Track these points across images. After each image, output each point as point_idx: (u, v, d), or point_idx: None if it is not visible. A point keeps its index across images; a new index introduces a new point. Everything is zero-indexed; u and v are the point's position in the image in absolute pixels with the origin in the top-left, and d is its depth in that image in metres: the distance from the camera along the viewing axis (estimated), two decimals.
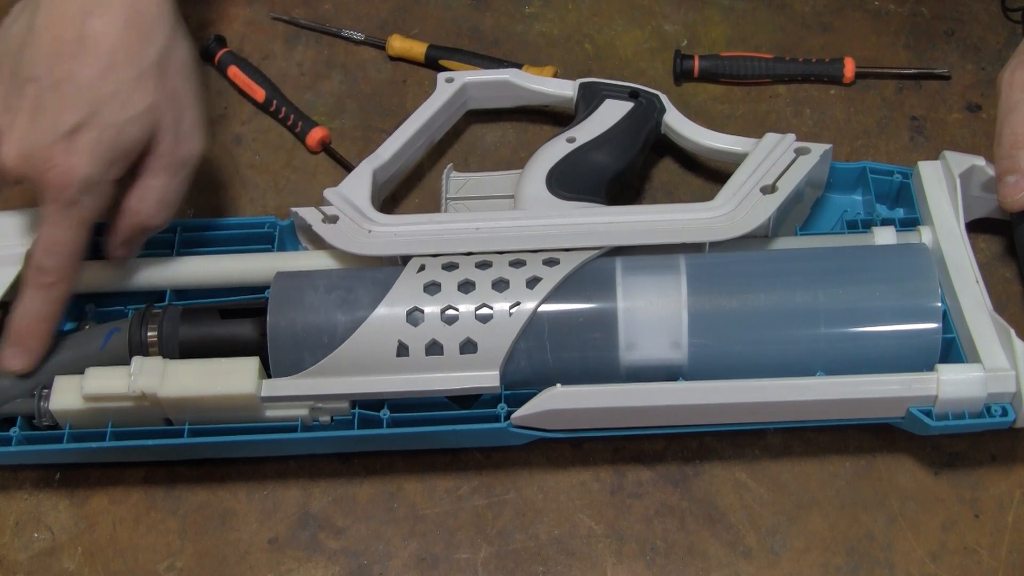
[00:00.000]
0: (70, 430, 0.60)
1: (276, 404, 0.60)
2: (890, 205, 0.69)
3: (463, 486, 0.63)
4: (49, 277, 0.60)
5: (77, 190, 0.58)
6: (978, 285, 0.60)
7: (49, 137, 0.58)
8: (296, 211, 0.65)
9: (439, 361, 0.59)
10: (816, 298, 0.59)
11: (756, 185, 0.64)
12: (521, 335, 0.58)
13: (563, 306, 0.59)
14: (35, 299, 0.60)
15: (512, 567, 0.60)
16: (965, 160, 0.65)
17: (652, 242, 0.62)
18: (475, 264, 0.60)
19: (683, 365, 0.59)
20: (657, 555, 0.60)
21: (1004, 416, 0.57)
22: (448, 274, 0.60)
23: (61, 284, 0.60)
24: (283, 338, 0.59)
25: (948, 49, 0.79)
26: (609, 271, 0.60)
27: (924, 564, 0.59)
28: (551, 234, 0.62)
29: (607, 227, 0.62)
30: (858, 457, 0.63)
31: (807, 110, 0.77)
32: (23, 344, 0.60)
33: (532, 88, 0.73)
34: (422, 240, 0.62)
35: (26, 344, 0.60)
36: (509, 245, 0.62)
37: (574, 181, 0.66)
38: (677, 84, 0.79)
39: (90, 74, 0.58)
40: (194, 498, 0.63)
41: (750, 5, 0.82)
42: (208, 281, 0.65)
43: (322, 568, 0.60)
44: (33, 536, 0.62)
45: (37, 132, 0.58)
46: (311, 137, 0.76)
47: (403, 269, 0.61)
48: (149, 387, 0.58)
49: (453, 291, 0.59)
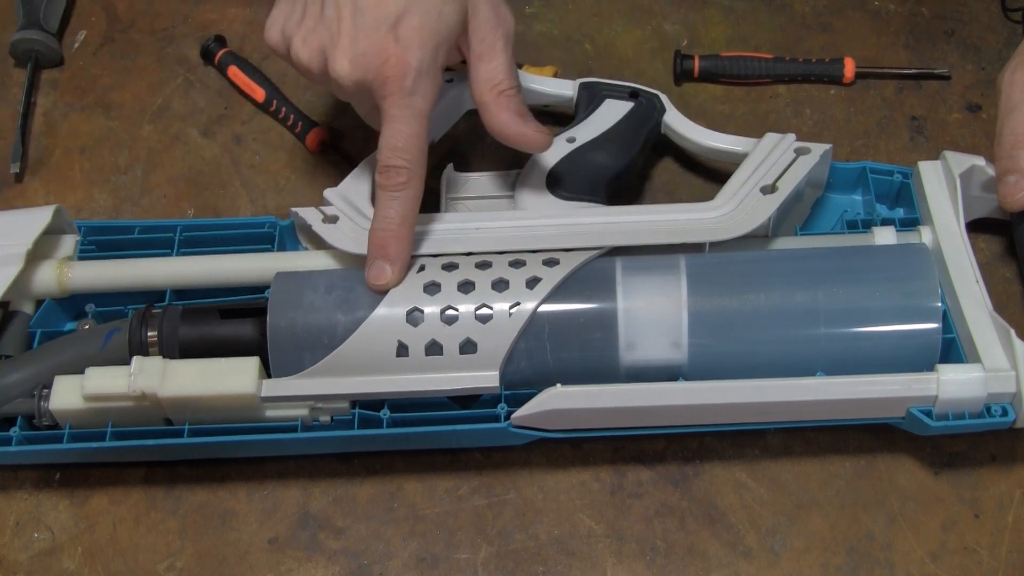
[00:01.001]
0: (70, 430, 0.60)
1: (276, 404, 0.60)
2: (890, 205, 0.69)
3: (463, 486, 0.63)
4: (401, 176, 0.59)
5: (413, 77, 0.59)
6: (978, 285, 0.60)
7: (376, 33, 0.58)
8: (296, 211, 0.65)
9: (439, 361, 0.59)
10: (816, 298, 0.59)
11: (756, 185, 0.64)
12: (521, 335, 0.58)
13: (563, 306, 0.59)
14: (391, 203, 0.60)
15: (512, 567, 0.60)
16: (965, 160, 0.65)
17: (652, 242, 0.62)
18: (475, 264, 0.60)
19: (683, 365, 0.59)
20: (657, 555, 0.60)
21: (1004, 416, 0.57)
22: (448, 274, 0.60)
23: (414, 181, 0.60)
24: (283, 338, 0.59)
25: (948, 49, 0.79)
26: (609, 271, 0.60)
27: (924, 564, 0.59)
28: (551, 234, 0.62)
29: (607, 227, 0.62)
30: (858, 457, 0.63)
31: (807, 110, 0.77)
32: (387, 254, 0.60)
33: (532, 88, 0.73)
34: (421, 240, 0.62)
35: (391, 253, 0.60)
36: (509, 245, 0.62)
37: (574, 181, 0.66)
38: (677, 84, 0.79)
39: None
40: (194, 498, 0.63)
41: (750, 5, 0.82)
42: (208, 281, 0.65)
43: (322, 568, 0.60)
44: (33, 536, 0.62)
45: (363, 33, 0.59)
46: (311, 137, 0.76)
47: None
48: (149, 387, 0.58)
49: (453, 291, 0.59)
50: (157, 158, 0.77)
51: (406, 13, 0.59)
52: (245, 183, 0.75)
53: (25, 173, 0.77)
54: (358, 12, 0.59)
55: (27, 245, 0.63)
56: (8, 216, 0.66)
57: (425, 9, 0.59)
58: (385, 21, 0.59)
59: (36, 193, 0.76)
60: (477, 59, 0.62)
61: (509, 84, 0.62)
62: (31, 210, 0.66)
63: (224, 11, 0.84)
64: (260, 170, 0.76)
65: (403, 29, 0.59)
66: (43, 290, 0.65)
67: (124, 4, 0.85)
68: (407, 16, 0.59)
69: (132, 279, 0.65)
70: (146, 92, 0.80)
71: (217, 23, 0.83)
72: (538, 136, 0.63)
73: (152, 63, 0.82)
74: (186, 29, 0.83)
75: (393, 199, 0.60)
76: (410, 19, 0.59)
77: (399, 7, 0.59)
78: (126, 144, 0.78)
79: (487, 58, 0.62)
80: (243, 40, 0.82)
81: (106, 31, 0.84)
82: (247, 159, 0.77)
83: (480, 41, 0.62)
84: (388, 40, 0.59)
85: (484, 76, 0.62)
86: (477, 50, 0.62)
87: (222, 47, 0.81)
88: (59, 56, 0.82)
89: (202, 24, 0.83)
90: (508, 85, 0.62)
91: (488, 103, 0.62)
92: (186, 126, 0.78)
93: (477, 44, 0.62)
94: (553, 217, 0.63)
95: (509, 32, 0.63)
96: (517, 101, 0.62)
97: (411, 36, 0.59)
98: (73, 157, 0.77)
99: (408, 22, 0.59)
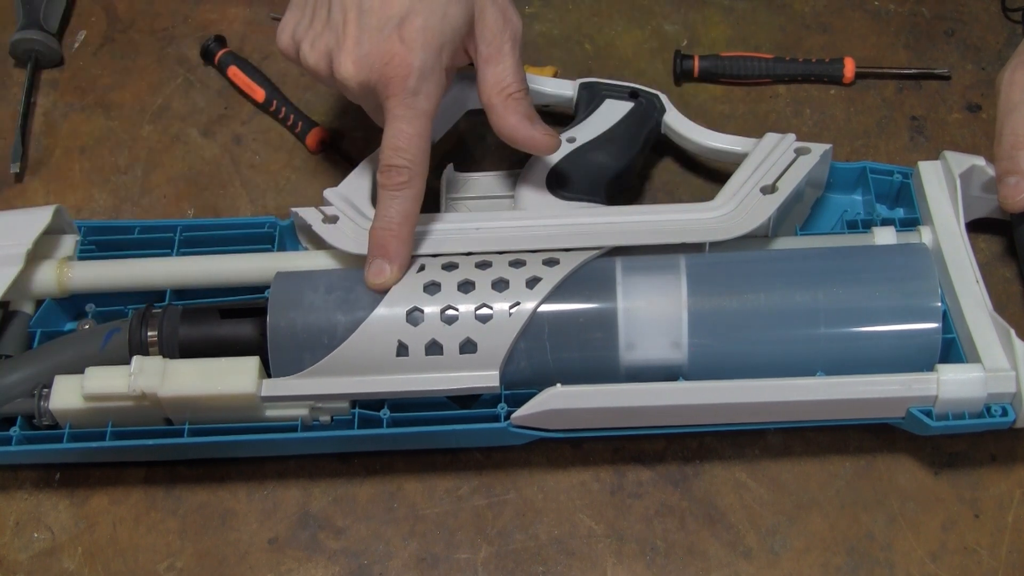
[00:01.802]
0: (70, 430, 0.60)
1: (276, 404, 0.60)
2: (890, 205, 0.69)
3: (463, 486, 0.63)
4: (402, 176, 0.60)
5: (417, 77, 0.59)
6: (978, 285, 0.60)
7: (381, 34, 0.59)
8: (296, 211, 0.65)
9: (439, 361, 0.59)
10: (816, 298, 0.59)
11: (756, 185, 0.64)
12: (521, 335, 0.58)
13: (563, 306, 0.59)
14: (392, 202, 0.60)
15: (512, 567, 0.60)
16: (965, 160, 0.65)
17: (652, 242, 0.61)
18: (475, 264, 0.60)
19: (683, 365, 0.59)
20: (657, 555, 0.60)
21: (1004, 416, 0.57)
22: (448, 274, 0.60)
23: (415, 180, 0.60)
24: (283, 338, 0.59)
25: (948, 49, 0.79)
26: (609, 271, 0.60)
27: (924, 564, 0.59)
28: (551, 234, 0.62)
29: (607, 227, 0.62)
30: (858, 457, 0.63)
31: (807, 110, 0.77)
32: (387, 253, 0.60)
33: (532, 88, 0.73)
34: (422, 240, 0.62)
35: (390, 252, 0.60)
36: (509, 245, 0.62)
37: (574, 181, 0.66)
38: (677, 84, 0.79)
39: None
40: (194, 498, 0.63)
41: (750, 5, 0.82)
42: (208, 281, 0.65)
43: (322, 568, 0.60)
44: (33, 536, 0.62)
45: (368, 34, 0.59)
46: (311, 137, 0.76)
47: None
48: (149, 386, 0.58)
49: (453, 291, 0.59)
50: (157, 158, 0.77)
51: (410, 14, 0.59)
52: (245, 183, 0.75)
53: (25, 173, 0.77)
54: (363, 14, 0.59)
55: (27, 245, 0.63)
56: (8, 216, 0.66)
57: (430, 10, 0.59)
58: (389, 22, 0.59)
59: (36, 193, 0.76)
60: (484, 62, 0.62)
61: (517, 87, 0.62)
62: (31, 210, 0.66)
63: (224, 11, 0.84)
64: (260, 170, 0.76)
65: (407, 30, 0.59)
66: (43, 290, 0.65)
67: (124, 4, 0.85)
68: (411, 17, 0.59)
69: (132, 279, 0.65)
70: (146, 92, 0.80)
71: (217, 23, 0.83)
72: (547, 139, 0.63)
73: (152, 63, 0.82)
74: (186, 29, 0.83)
75: (394, 198, 0.60)
76: (414, 20, 0.59)
77: (403, 8, 0.59)
78: (126, 144, 0.78)
79: (494, 61, 0.62)
80: (243, 40, 0.82)
81: (106, 31, 0.84)
82: (247, 159, 0.77)
83: (487, 43, 0.62)
84: (392, 40, 0.59)
85: (492, 79, 0.62)
86: (484, 52, 0.62)
87: (222, 47, 0.81)
88: (59, 56, 0.82)
89: (202, 24, 0.83)
90: (516, 88, 0.62)
91: (496, 106, 0.62)
92: (186, 126, 0.78)
93: (484, 46, 0.62)
94: (553, 217, 0.63)
95: (516, 34, 0.63)
96: (525, 104, 0.62)
97: (415, 37, 0.59)
98: (73, 157, 0.77)
99: (412, 23, 0.59)
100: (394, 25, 0.59)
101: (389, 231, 0.60)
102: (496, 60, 0.62)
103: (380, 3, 0.59)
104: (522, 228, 0.62)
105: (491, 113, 0.62)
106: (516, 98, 0.62)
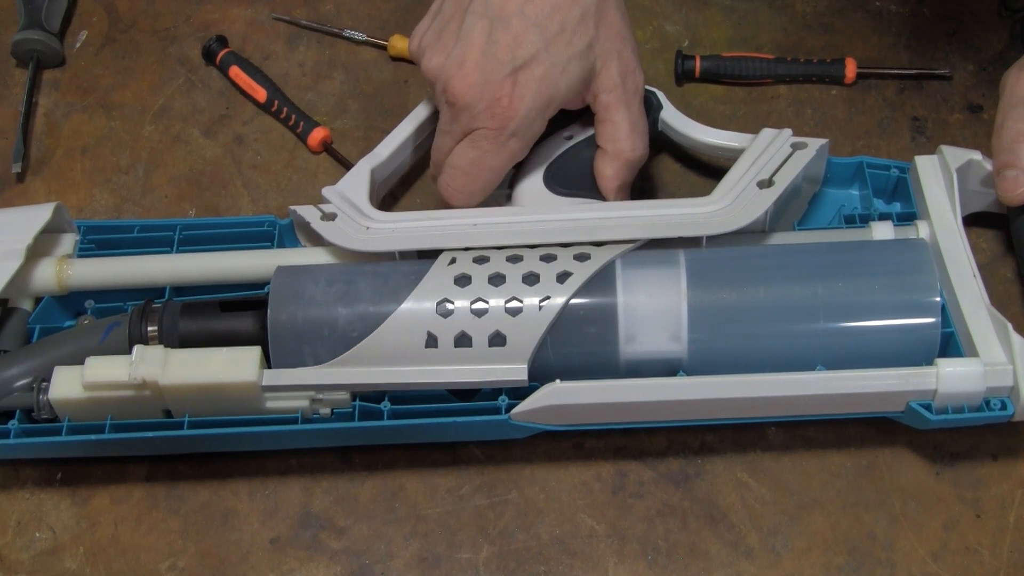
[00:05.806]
0: (69, 423, 0.60)
1: (277, 394, 0.59)
2: (887, 200, 0.69)
3: (465, 486, 0.63)
4: (461, 195, 0.64)
5: (517, 125, 0.60)
6: (975, 279, 0.60)
7: (502, 70, 0.60)
8: (294, 209, 0.65)
9: (467, 353, 0.58)
10: (815, 292, 0.59)
11: (753, 180, 0.63)
12: (550, 329, 0.58)
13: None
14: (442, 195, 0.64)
15: (514, 567, 0.60)
16: (962, 155, 0.65)
17: (648, 236, 0.61)
18: (506, 258, 0.60)
19: (683, 358, 0.59)
20: (659, 555, 0.60)
21: (1003, 410, 0.57)
22: (479, 267, 0.60)
23: (468, 200, 0.64)
24: (284, 332, 0.59)
25: (949, 49, 0.79)
26: (609, 265, 0.60)
27: (926, 564, 0.59)
28: (548, 229, 0.62)
29: (604, 222, 0.62)
30: (859, 457, 0.63)
31: (808, 110, 0.77)
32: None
33: None
34: (419, 236, 0.62)
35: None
36: (506, 240, 0.62)
37: (571, 178, 0.66)
38: (678, 84, 0.79)
39: (539, 11, 0.60)
40: (196, 498, 0.63)
41: (751, 5, 0.82)
42: (207, 278, 0.65)
43: (324, 568, 0.60)
44: (35, 536, 0.62)
45: (491, 64, 0.60)
46: (312, 137, 0.76)
47: (432, 262, 0.61)
48: (151, 375, 0.58)
49: (484, 284, 0.59)
50: (158, 158, 0.77)
51: (533, 61, 0.60)
52: (246, 183, 0.75)
53: (27, 173, 0.77)
54: (491, 44, 0.60)
55: (27, 241, 0.63)
56: (8, 213, 0.66)
57: (552, 61, 0.60)
58: (512, 63, 0.60)
59: (38, 193, 0.76)
60: (604, 108, 0.64)
61: (621, 149, 0.64)
62: (31, 207, 0.66)
63: (226, 11, 0.84)
64: (261, 170, 0.76)
65: (524, 75, 0.60)
66: (42, 287, 0.65)
67: (125, 4, 0.85)
68: (533, 64, 0.60)
69: (131, 276, 0.65)
70: (147, 92, 0.80)
71: (218, 23, 0.84)
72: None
73: (153, 63, 0.82)
74: (187, 29, 0.83)
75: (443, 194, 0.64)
76: (535, 68, 0.60)
77: (529, 53, 0.60)
78: (127, 144, 0.78)
79: (605, 120, 0.64)
80: (244, 40, 0.82)
81: (108, 31, 0.84)
82: (248, 159, 0.77)
83: (602, 102, 0.63)
84: (508, 82, 0.60)
85: (604, 134, 0.64)
86: (602, 103, 0.64)
87: (223, 47, 0.81)
88: (61, 56, 0.82)
89: (204, 24, 0.83)
90: (622, 149, 0.64)
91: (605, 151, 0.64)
92: (187, 126, 0.79)
93: (605, 95, 0.63)
94: (550, 213, 0.63)
95: (636, 90, 0.64)
96: (620, 166, 0.64)
97: (529, 84, 0.60)
98: (75, 157, 0.77)
99: (532, 70, 0.60)
100: (517, 66, 0.60)
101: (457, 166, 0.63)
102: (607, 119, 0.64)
103: (511, 40, 0.60)
104: (519, 224, 0.62)
105: (597, 154, 0.65)
106: (616, 155, 0.64)
